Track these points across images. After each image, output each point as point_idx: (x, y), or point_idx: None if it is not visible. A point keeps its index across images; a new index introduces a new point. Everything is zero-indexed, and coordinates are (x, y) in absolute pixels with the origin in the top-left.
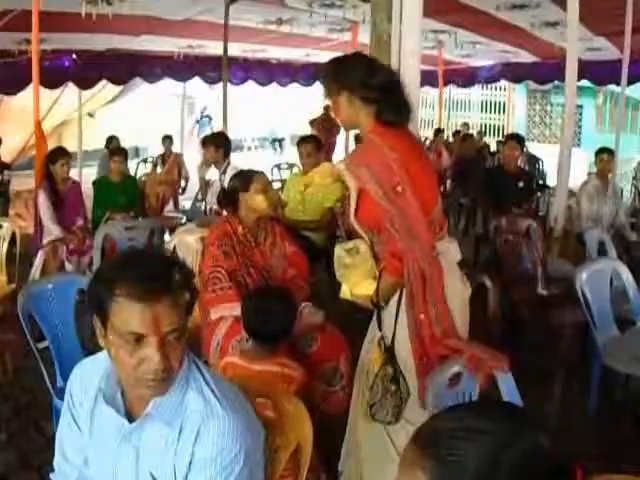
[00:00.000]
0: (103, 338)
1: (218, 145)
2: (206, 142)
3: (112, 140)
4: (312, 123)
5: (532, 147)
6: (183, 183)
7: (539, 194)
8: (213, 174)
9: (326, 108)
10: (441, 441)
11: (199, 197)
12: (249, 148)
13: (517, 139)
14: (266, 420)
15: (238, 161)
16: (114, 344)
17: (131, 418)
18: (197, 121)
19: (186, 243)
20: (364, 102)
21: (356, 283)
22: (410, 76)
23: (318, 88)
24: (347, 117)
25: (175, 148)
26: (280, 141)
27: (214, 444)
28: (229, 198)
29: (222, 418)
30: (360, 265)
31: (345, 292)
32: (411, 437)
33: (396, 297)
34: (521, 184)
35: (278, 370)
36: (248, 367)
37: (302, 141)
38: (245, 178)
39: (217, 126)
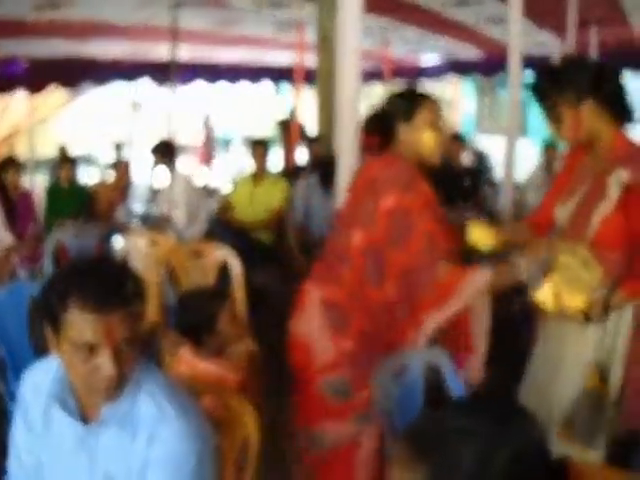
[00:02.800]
0: (55, 346)
1: (162, 153)
2: (153, 150)
3: (61, 149)
4: (277, 125)
5: (481, 139)
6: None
7: (486, 188)
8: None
9: (292, 112)
10: (434, 442)
11: (150, 201)
12: None
13: (457, 137)
14: (213, 419)
15: (186, 164)
16: (67, 353)
17: (85, 422)
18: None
19: (136, 247)
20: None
21: (569, 291)
22: (351, 74)
23: (267, 89)
24: (588, 129)
25: (126, 152)
26: (229, 142)
27: (167, 447)
28: (381, 127)
29: (174, 421)
30: (578, 269)
31: (546, 295)
32: (403, 437)
33: (628, 316)
34: (467, 181)
35: (214, 369)
36: (192, 363)
37: (253, 144)
38: (409, 100)
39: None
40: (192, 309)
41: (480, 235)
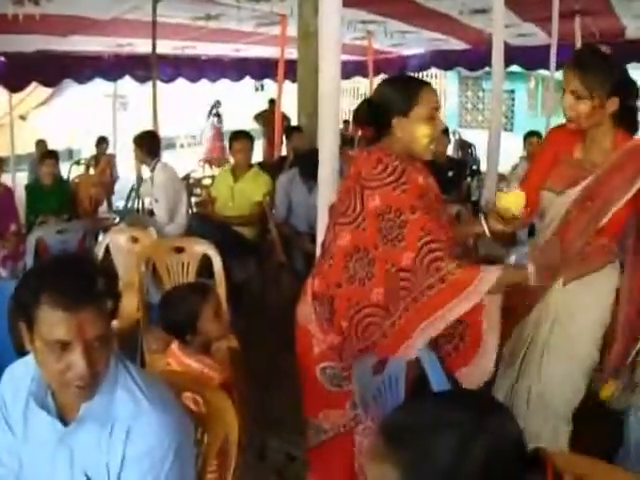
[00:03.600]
0: (30, 343)
1: (141, 145)
2: (134, 141)
3: (40, 144)
4: (257, 118)
5: (465, 133)
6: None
7: (469, 180)
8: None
9: (271, 102)
10: (409, 436)
11: (132, 196)
12: (182, 145)
13: (443, 129)
14: (194, 414)
15: (169, 158)
16: (40, 350)
17: (64, 420)
18: (214, 115)
19: (117, 243)
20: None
21: None
22: (330, 68)
23: (249, 83)
24: (599, 121)
25: (108, 148)
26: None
27: (144, 441)
28: (375, 119)
29: (151, 415)
30: None
31: None
32: (377, 431)
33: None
34: (451, 173)
35: (198, 367)
36: (180, 358)
37: (234, 137)
38: (406, 93)
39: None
40: (174, 308)
41: (512, 200)
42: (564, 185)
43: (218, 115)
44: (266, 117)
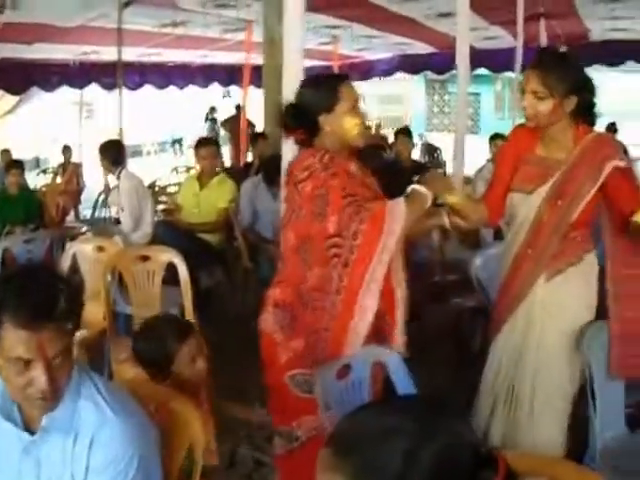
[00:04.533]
0: None
1: (106, 154)
2: (99, 150)
3: (5, 153)
4: (224, 124)
5: (432, 137)
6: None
7: None
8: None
9: (238, 108)
10: (358, 444)
11: (99, 204)
12: (148, 153)
13: (407, 133)
14: (159, 422)
15: (135, 166)
16: (3, 366)
17: (30, 431)
18: (210, 120)
19: (83, 253)
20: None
21: None
22: (294, 74)
23: (217, 89)
24: (558, 119)
25: (75, 157)
26: (179, 141)
27: (108, 450)
28: (303, 121)
29: (114, 424)
30: None
31: None
32: (326, 440)
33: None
34: (416, 177)
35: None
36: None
37: (200, 144)
38: (327, 90)
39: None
40: (147, 343)
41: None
42: (533, 184)
43: (214, 120)
44: (232, 123)
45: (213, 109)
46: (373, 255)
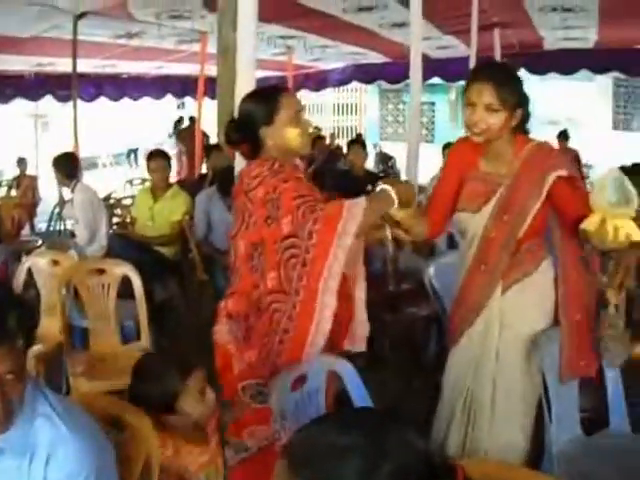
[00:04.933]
0: None
1: (60, 167)
2: (52, 164)
3: None
4: (178, 135)
5: (386, 146)
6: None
7: None
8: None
9: (191, 119)
10: (313, 461)
11: (54, 217)
12: (104, 165)
13: (360, 143)
14: (114, 436)
15: (91, 179)
16: None
17: None
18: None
19: (38, 266)
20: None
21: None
22: (247, 84)
23: (170, 100)
24: (507, 132)
25: (31, 169)
26: (135, 152)
27: (64, 467)
28: (245, 136)
29: (70, 441)
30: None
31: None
32: (281, 454)
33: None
34: (369, 186)
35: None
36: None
37: (150, 156)
38: (266, 103)
39: None
40: (147, 383)
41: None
42: (478, 203)
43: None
44: (186, 135)
45: (180, 121)
46: (329, 254)
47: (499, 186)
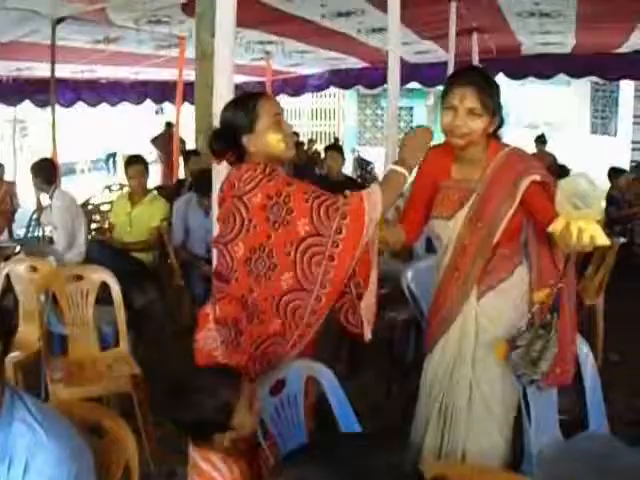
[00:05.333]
0: None
1: (38, 173)
2: (30, 170)
3: None
4: (154, 141)
5: (364, 151)
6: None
7: None
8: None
9: (168, 125)
10: None
11: (33, 224)
12: (82, 171)
13: (337, 148)
14: (94, 443)
15: (69, 184)
16: None
17: None
18: None
19: (16, 273)
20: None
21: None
22: (225, 89)
23: (149, 106)
24: (477, 141)
25: (9, 175)
26: (114, 156)
27: (43, 474)
28: (228, 145)
29: (48, 447)
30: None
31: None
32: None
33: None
34: (347, 192)
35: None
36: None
37: (128, 162)
38: (245, 111)
39: None
40: (196, 403)
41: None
42: (451, 210)
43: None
44: (162, 141)
45: (170, 124)
46: (358, 245)
47: (472, 192)
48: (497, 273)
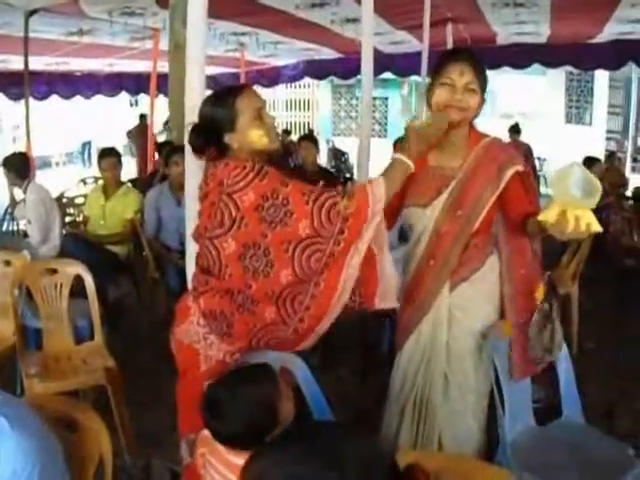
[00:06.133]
0: None
1: (11, 167)
2: (3, 164)
3: None
4: (129, 134)
5: (339, 141)
6: None
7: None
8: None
9: (142, 117)
10: None
11: (6, 218)
12: (57, 164)
13: (311, 139)
14: (68, 437)
15: (44, 178)
16: None
17: None
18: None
19: None
20: None
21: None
22: (197, 81)
23: (124, 98)
24: (470, 118)
25: None
26: (89, 146)
27: (6, 466)
28: (210, 141)
29: (12, 438)
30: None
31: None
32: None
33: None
34: (322, 182)
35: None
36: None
37: (101, 155)
38: (225, 109)
39: None
40: (242, 413)
41: None
42: (427, 198)
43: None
44: (137, 133)
45: (143, 117)
46: (356, 239)
47: (450, 180)
48: (471, 264)
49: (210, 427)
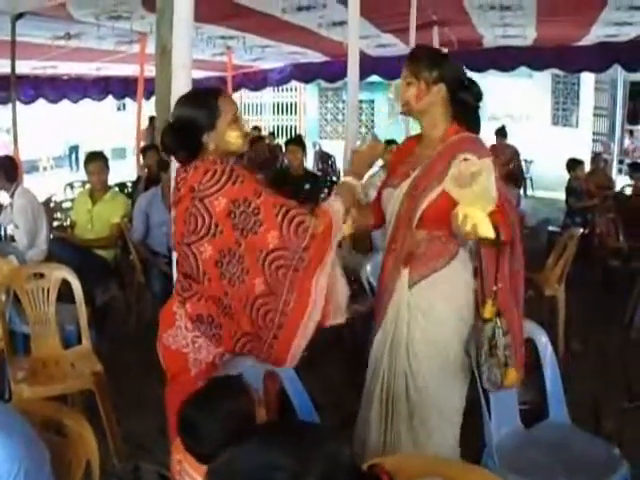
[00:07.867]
0: None
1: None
2: None
3: None
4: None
5: (326, 145)
6: None
7: (327, 191)
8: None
9: (152, 119)
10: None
11: None
12: (45, 168)
13: (297, 142)
14: (54, 440)
15: (31, 182)
16: None
17: None
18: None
19: None
20: (452, 103)
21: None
22: (183, 85)
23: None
24: (426, 107)
25: None
26: (76, 150)
27: None
28: (185, 142)
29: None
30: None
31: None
32: (206, 474)
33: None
34: (307, 185)
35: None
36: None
37: (88, 159)
38: (207, 109)
39: None
40: (217, 431)
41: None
42: (399, 179)
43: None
44: (146, 134)
45: (153, 119)
46: (324, 261)
47: (419, 164)
48: (432, 261)
49: (187, 448)
